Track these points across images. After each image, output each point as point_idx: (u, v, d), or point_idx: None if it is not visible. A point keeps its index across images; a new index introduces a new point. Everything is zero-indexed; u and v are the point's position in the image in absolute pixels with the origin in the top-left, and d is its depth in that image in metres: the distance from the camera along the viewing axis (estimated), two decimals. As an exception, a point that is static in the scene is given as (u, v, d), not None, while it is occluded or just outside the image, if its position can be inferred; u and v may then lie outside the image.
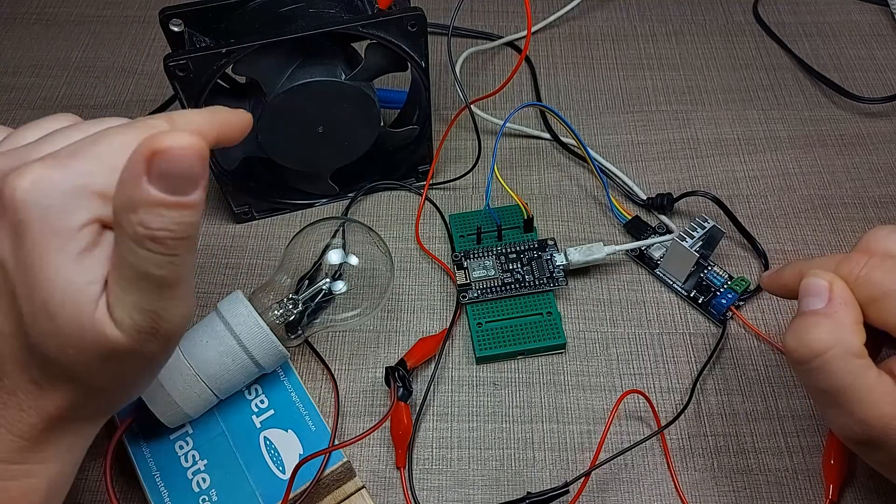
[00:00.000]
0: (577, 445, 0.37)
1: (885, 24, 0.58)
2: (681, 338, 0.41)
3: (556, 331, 0.40)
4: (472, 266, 0.42)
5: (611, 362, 0.40)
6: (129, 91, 0.54)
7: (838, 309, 0.28)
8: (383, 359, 0.40)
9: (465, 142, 0.50)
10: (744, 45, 0.56)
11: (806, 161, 0.49)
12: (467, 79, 0.54)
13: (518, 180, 0.48)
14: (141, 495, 0.35)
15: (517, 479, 0.36)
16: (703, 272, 0.42)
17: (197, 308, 0.42)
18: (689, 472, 0.36)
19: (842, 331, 0.27)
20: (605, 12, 0.59)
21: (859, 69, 0.54)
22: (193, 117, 0.25)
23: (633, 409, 0.38)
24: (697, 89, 0.53)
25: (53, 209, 0.22)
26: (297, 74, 0.39)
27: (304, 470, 0.33)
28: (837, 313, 0.28)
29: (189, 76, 0.37)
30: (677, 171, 0.48)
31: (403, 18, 0.38)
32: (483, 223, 0.44)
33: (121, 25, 0.59)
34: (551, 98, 0.53)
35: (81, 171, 0.22)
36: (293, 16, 0.40)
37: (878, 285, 0.28)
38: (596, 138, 0.50)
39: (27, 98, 0.53)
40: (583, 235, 0.45)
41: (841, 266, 0.29)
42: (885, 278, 0.28)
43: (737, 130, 0.51)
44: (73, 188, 0.22)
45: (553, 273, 0.42)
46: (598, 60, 0.56)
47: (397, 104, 0.47)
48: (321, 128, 0.41)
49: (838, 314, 0.28)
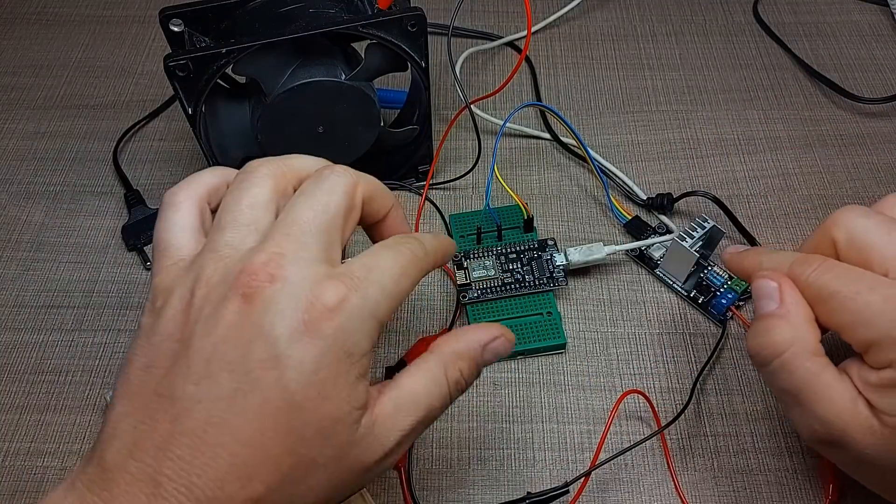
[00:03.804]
0: (577, 445, 0.37)
1: (885, 24, 0.58)
2: (681, 338, 0.41)
3: (556, 331, 0.40)
4: (472, 266, 0.42)
5: (611, 362, 0.40)
6: (129, 91, 0.54)
7: (791, 309, 0.29)
8: (383, 359, 0.40)
9: (465, 142, 0.50)
10: (744, 45, 0.56)
11: (806, 161, 0.49)
12: (467, 79, 0.54)
13: (518, 180, 0.48)
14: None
15: (517, 479, 0.36)
16: (703, 272, 0.42)
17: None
18: (689, 472, 0.36)
19: (797, 330, 0.29)
20: (605, 12, 0.59)
21: (859, 69, 0.54)
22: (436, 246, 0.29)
23: (633, 409, 0.38)
24: (697, 89, 0.53)
25: (349, 332, 0.24)
26: (297, 74, 0.39)
27: (304, 470, 0.33)
28: (791, 313, 0.29)
29: (189, 76, 0.37)
30: (677, 171, 0.48)
31: (403, 18, 0.38)
32: (483, 223, 0.44)
33: (121, 25, 0.59)
34: (551, 98, 0.53)
35: (373, 298, 0.25)
36: (293, 16, 0.40)
37: (825, 287, 0.28)
38: (596, 138, 0.50)
39: (27, 98, 0.53)
40: (583, 235, 0.45)
41: (794, 266, 0.30)
42: (831, 281, 0.28)
43: (737, 130, 0.51)
44: (366, 314, 0.25)
45: (553, 273, 0.42)
46: (598, 60, 0.56)
47: (397, 104, 0.47)
48: (321, 128, 0.41)
49: (791, 314, 0.29)
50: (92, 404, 0.39)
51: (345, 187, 0.27)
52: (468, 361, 0.28)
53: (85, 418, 0.38)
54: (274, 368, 0.23)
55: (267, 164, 0.27)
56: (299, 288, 0.24)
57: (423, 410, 0.26)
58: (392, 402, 0.26)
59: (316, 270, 0.24)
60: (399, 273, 0.26)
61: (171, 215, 0.27)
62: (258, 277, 0.24)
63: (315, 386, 0.23)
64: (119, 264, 0.44)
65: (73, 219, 0.47)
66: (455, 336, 0.28)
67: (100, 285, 0.43)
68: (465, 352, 0.28)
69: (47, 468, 0.37)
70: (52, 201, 0.48)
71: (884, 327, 0.27)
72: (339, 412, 0.24)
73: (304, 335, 0.23)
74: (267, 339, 0.23)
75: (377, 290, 0.25)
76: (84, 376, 0.40)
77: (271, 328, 0.23)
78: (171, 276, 0.26)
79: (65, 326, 0.42)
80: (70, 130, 0.51)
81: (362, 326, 0.24)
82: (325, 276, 0.24)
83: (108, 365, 0.40)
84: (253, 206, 0.26)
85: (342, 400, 0.24)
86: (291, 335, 0.23)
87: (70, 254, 0.45)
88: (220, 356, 0.23)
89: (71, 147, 0.50)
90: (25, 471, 0.37)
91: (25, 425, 0.38)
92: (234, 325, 0.23)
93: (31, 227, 0.46)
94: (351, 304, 0.24)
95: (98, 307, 0.42)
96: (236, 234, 0.25)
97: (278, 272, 0.24)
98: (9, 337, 0.41)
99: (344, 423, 0.24)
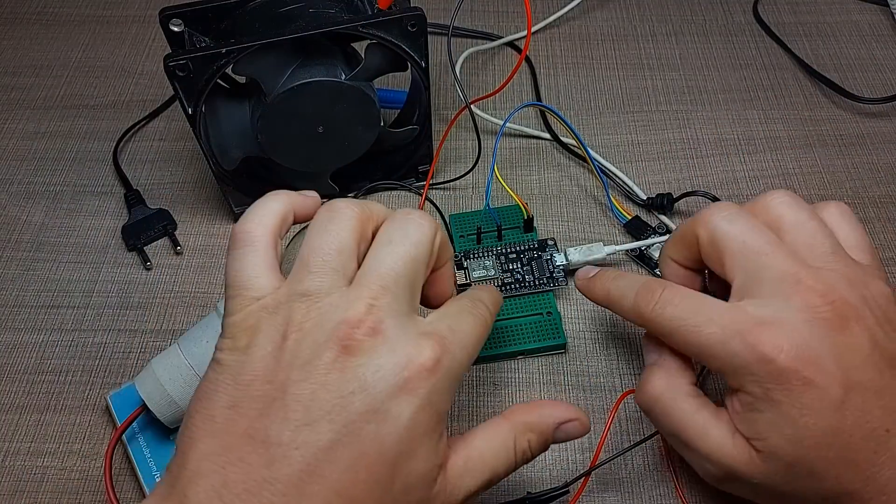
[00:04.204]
0: (577, 445, 0.37)
1: (885, 24, 0.58)
2: (681, 338, 0.41)
3: (556, 331, 0.40)
4: (472, 266, 0.42)
5: (611, 362, 0.40)
6: (129, 91, 0.54)
7: (667, 357, 0.31)
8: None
9: (465, 142, 0.50)
10: (744, 45, 0.56)
11: (806, 161, 0.49)
12: (467, 79, 0.54)
13: (518, 180, 0.48)
14: (141, 495, 0.35)
15: (517, 479, 0.36)
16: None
17: (197, 308, 0.42)
18: (690, 472, 0.36)
19: (671, 376, 0.30)
20: (605, 12, 0.59)
21: (859, 69, 0.54)
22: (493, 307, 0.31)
23: (634, 409, 0.38)
24: (697, 89, 0.53)
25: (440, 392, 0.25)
26: (297, 74, 0.39)
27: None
28: (666, 361, 0.31)
29: (189, 76, 0.37)
30: (677, 171, 0.48)
31: (403, 18, 0.38)
32: (483, 223, 0.44)
33: (121, 25, 0.59)
34: (551, 98, 0.53)
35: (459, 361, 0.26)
36: (293, 16, 0.40)
37: (668, 322, 0.29)
38: (596, 138, 0.50)
39: (27, 98, 0.53)
40: (583, 235, 0.45)
41: (637, 300, 0.31)
42: (673, 316, 0.29)
43: (737, 130, 0.51)
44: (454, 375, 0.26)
45: (553, 273, 0.42)
46: (598, 60, 0.56)
47: (397, 104, 0.47)
48: (321, 128, 0.41)
49: (667, 362, 0.31)
50: (92, 404, 0.39)
51: (429, 236, 0.27)
52: (539, 436, 0.28)
53: (85, 418, 0.38)
54: (372, 422, 0.23)
55: (353, 207, 0.27)
56: (399, 344, 0.24)
57: (488, 474, 0.27)
58: (463, 461, 0.26)
59: (411, 326, 0.25)
60: (478, 338, 0.28)
61: (246, 253, 0.27)
62: (360, 330, 0.24)
63: (408, 442, 0.24)
64: (119, 264, 0.44)
65: (73, 219, 0.47)
66: (532, 408, 0.29)
67: (100, 285, 0.43)
68: (537, 425, 0.28)
69: (47, 468, 0.37)
70: (52, 201, 0.48)
71: (727, 357, 0.27)
72: (423, 469, 0.25)
73: (402, 392, 0.24)
74: (368, 392, 0.23)
75: (464, 353, 0.26)
76: (84, 376, 0.40)
77: (373, 382, 0.24)
78: (253, 316, 0.25)
79: (65, 326, 0.42)
80: (70, 130, 0.51)
81: (450, 387, 0.25)
82: (420, 333, 0.25)
83: (108, 365, 0.40)
84: (342, 252, 0.26)
85: (428, 458, 0.25)
86: (391, 391, 0.24)
87: (70, 254, 0.45)
88: (319, 404, 0.23)
89: (71, 147, 0.50)
90: (25, 471, 0.36)
91: (25, 425, 0.38)
92: (334, 374, 0.24)
93: (31, 227, 0.46)
94: (443, 366, 0.25)
95: (98, 307, 0.42)
96: (325, 280, 0.25)
97: (379, 326, 0.24)
98: (9, 337, 0.41)
99: (425, 480, 0.25)
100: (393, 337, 0.24)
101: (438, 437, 0.25)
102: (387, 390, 0.24)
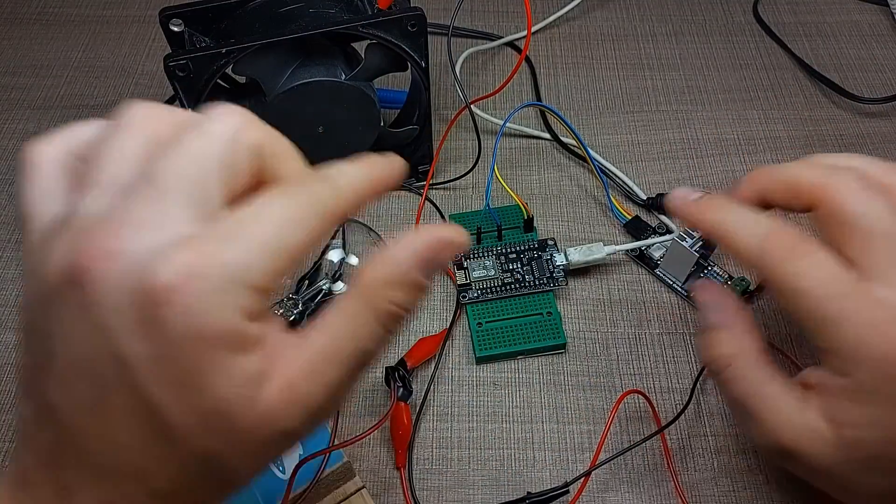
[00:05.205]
0: (577, 445, 0.37)
1: (885, 24, 0.58)
2: (681, 338, 0.41)
3: (556, 331, 0.40)
4: (472, 266, 0.42)
5: (611, 362, 0.40)
6: (129, 91, 0.54)
7: (736, 319, 0.29)
8: (383, 359, 0.40)
9: (465, 142, 0.50)
10: (744, 45, 0.56)
11: (806, 161, 0.49)
12: (467, 79, 0.54)
13: (518, 180, 0.48)
14: (141, 495, 0.35)
15: (517, 479, 0.36)
16: (703, 272, 0.42)
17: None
18: (689, 472, 0.36)
19: (741, 340, 0.29)
20: (605, 12, 0.59)
21: (859, 69, 0.54)
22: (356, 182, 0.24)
23: (633, 409, 0.38)
24: (697, 89, 0.53)
25: (197, 314, 0.19)
26: (297, 74, 0.39)
27: (304, 470, 0.33)
28: (736, 324, 0.29)
29: (189, 76, 0.37)
30: (677, 171, 0.48)
31: (403, 18, 0.38)
32: (483, 223, 0.44)
33: (121, 25, 0.59)
34: (551, 98, 0.53)
35: (235, 262, 0.19)
36: (293, 16, 0.40)
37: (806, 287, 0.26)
38: (596, 138, 0.50)
39: (27, 98, 0.53)
40: (583, 235, 0.45)
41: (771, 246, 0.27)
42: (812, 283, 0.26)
43: (737, 130, 0.51)
44: (225, 283, 0.19)
45: (553, 273, 0.42)
46: (598, 60, 0.56)
47: (397, 104, 0.47)
48: (321, 128, 0.41)
49: (736, 325, 0.29)
50: (92, 404, 0.39)
51: (223, 133, 0.22)
52: (403, 287, 0.22)
53: (85, 418, 0.38)
54: (122, 371, 0.19)
55: (147, 108, 0.22)
56: (137, 265, 0.18)
57: (352, 361, 0.21)
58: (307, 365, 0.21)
59: (164, 238, 0.19)
60: (285, 222, 0.20)
61: (31, 178, 0.22)
62: (89, 254, 0.19)
63: (175, 385, 0.19)
64: (119, 264, 0.44)
65: (73, 219, 0.46)
66: (380, 258, 0.22)
67: (100, 285, 0.43)
68: (394, 277, 0.22)
69: (47, 468, 0.37)
70: (52, 201, 0.47)
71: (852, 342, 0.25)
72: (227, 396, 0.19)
73: (140, 328, 0.19)
74: (104, 336, 0.19)
75: (243, 250, 0.19)
76: (84, 376, 0.40)
77: (105, 322, 0.19)
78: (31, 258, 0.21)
79: (65, 326, 0.42)
80: (70, 130, 0.51)
81: (220, 300, 0.19)
82: (172, 244, 0.19)
83: (108, 365, 0.40)
84: (118, 161, 0.20)
85: (224, 385, 0.19)
86: (130, 329, 0.19)
87: (70, 254, 0.45)
88: (71, 363, 0.20)
89: (71, 147, 0.50)
90: (25, 471, 0.36)
91: (25, 425, 0.38)
92: (75, 321, 0.19)
93: (31, 227, 0.46)
94: (197, 278, 0.18)
95: (98, 307, 0.42)
96: (96, 199, 0.20)
97: (115, 245, 0.19)
98: (9, 337, 0.41)
99: (236, 405, 0.20)
100: (134, 257, 0.19)
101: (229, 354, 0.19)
102: (125, 329, 0.19)
